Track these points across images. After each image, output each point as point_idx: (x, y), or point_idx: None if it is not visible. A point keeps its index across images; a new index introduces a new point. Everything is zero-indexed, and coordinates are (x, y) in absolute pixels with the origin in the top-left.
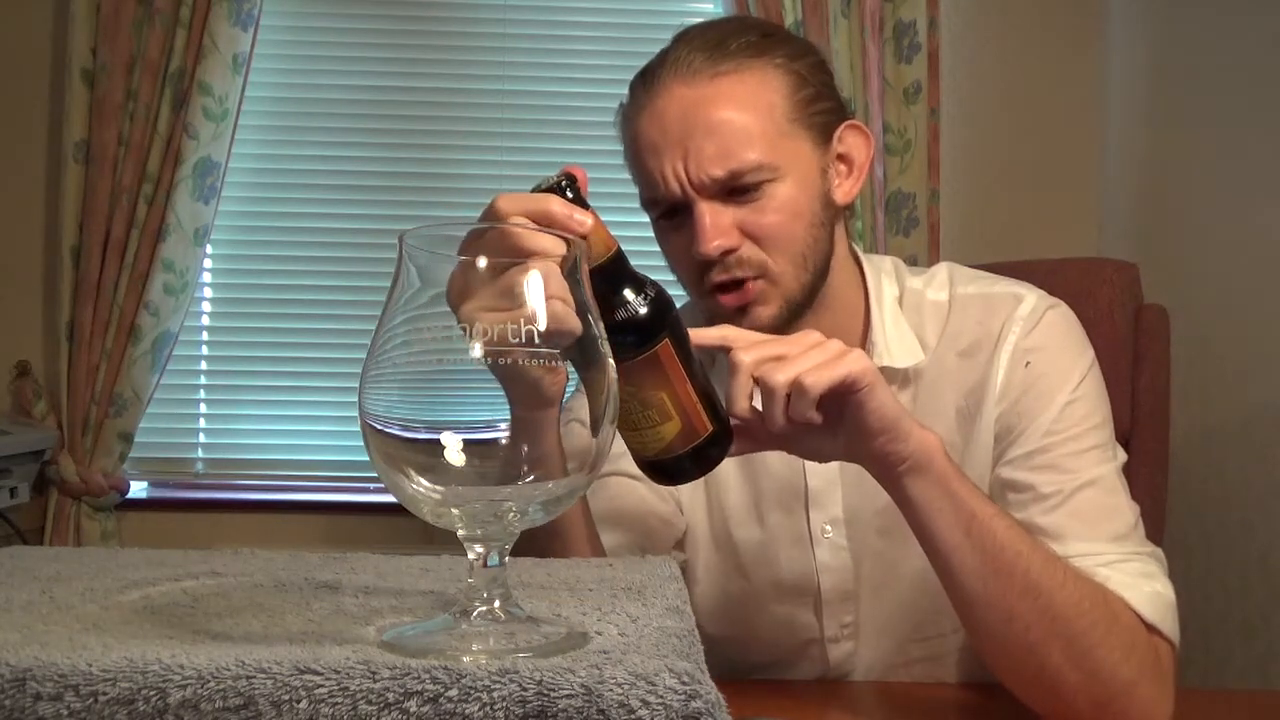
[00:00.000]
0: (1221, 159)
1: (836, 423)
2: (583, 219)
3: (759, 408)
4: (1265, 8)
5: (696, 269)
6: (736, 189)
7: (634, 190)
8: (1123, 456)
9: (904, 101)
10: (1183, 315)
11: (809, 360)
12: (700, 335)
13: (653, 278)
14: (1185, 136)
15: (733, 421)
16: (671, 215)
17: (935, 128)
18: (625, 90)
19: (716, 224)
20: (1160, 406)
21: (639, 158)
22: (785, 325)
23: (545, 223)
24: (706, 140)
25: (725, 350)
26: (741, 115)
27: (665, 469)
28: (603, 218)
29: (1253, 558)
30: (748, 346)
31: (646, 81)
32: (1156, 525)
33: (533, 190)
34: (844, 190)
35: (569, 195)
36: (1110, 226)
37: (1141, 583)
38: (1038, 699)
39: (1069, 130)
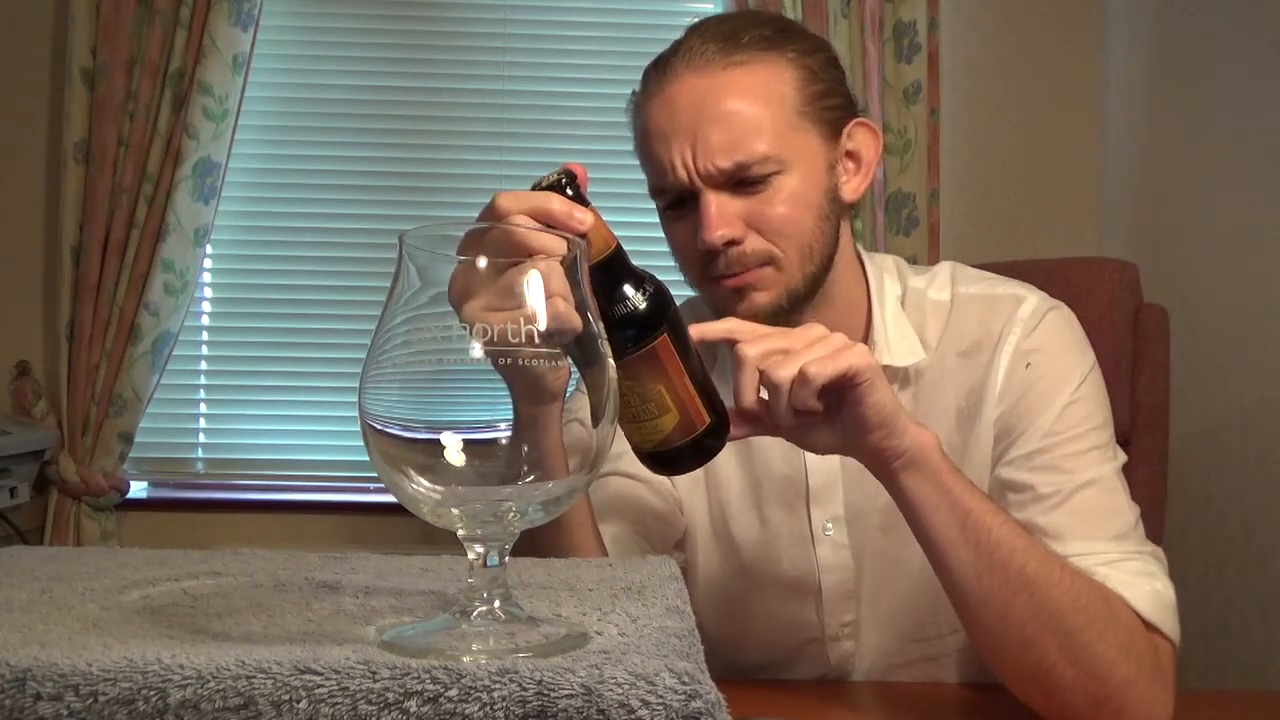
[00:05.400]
0: (1221, 159)
1: (835, 415)
2: (583, 216)
3: (764, 398)
4: (1265, 8)
5: (700, 259)
6: (744, 180)
7: (633, 189)
8: (1123, 458)
9: (904, 101)
10: (1183, 315)
11: (813, 353)
12: (706, 329)
13: (653, 274)
14: (1185, 136)
15: (737, 408)
16: (679, 205)
17: (935, 128)
18: (625, 90)
19: (722, 214)
20: (1160, 406)
21: (648, 145)
22: (785, 315)
23: (545, 220)
24: (714, 129)
25: (731, 343)
26: (751, 106)
27: (664, 460)
28: (604, 216)
29: (1253, 558)
30: (753, 340)
31: (659, 70)
32: (1156, 525)
33: (533, 187)
34: (851, 187)
35: (569, 193)
36: (1110, 226)
37: (1141, 581)
38: (1035, 696)
39: (1069, 130)
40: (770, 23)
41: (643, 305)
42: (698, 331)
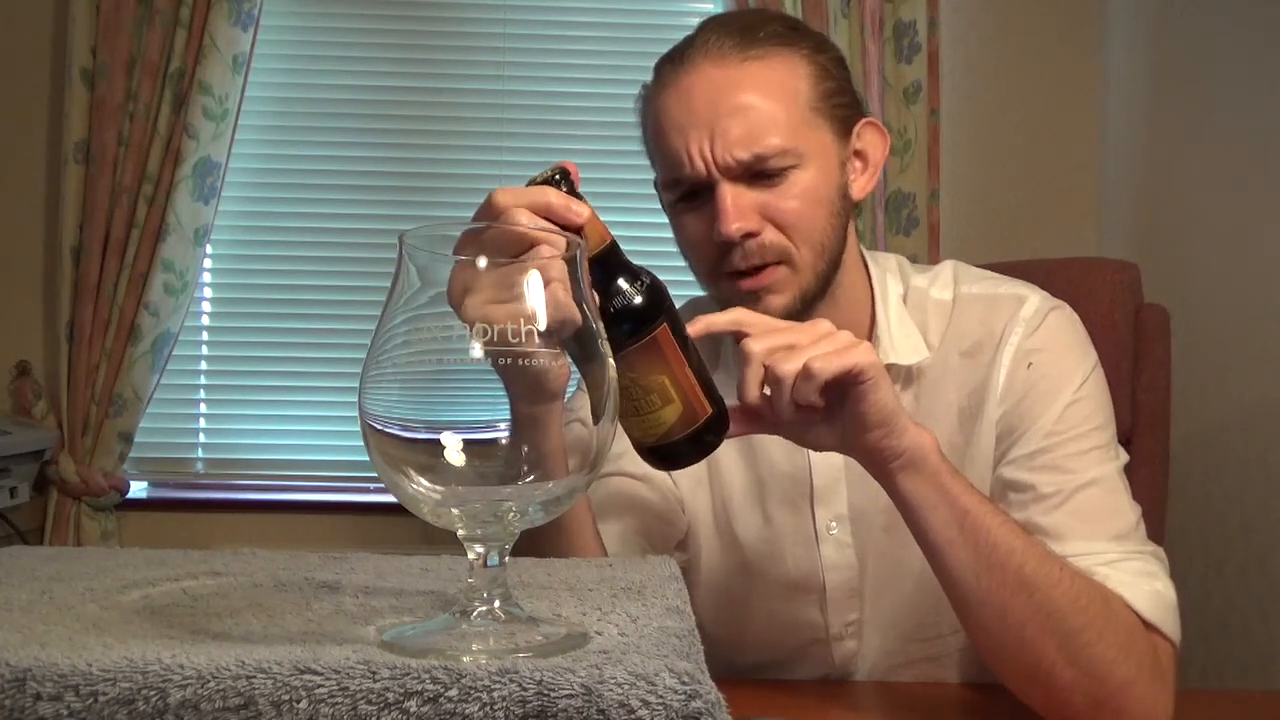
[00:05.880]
0: (1221, 159)
1: (836, 413)
2: (580, 209)
3: (768, 394)
4: (1265, 8)
5: (715, 252)
6: (761, 173)
7: (633, 189)
8: (1124, 457)
9: (904, 101)
10: (1183, 315)
11: (819, 349)
12: (714, 320)
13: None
14: (1185, 136)
15: (739, 404)
16: (692, 198)
17: (935, 128)
18: (625, 90)
19: (739, 205)
20: (1160, 406)
21: (662, 137)
22: (797, 315)
23: (544, 213)
24: (733, 121)
25: (738, 335)
26: (768, 101)
27: (666, 454)
28: (604, 216)
29: (1253, 558)
30: (760, 335)
31: (674, 62)
32: (1156, 525)
33: (528, 184)
34: (859, 186)
35: (563, 189)
36: (1110, 226)
37: (1141, 581)
38: (1035, 696)
39: (1069, 130)
40: (781, 20)
41: (641, 296)
42: (705, 322)
